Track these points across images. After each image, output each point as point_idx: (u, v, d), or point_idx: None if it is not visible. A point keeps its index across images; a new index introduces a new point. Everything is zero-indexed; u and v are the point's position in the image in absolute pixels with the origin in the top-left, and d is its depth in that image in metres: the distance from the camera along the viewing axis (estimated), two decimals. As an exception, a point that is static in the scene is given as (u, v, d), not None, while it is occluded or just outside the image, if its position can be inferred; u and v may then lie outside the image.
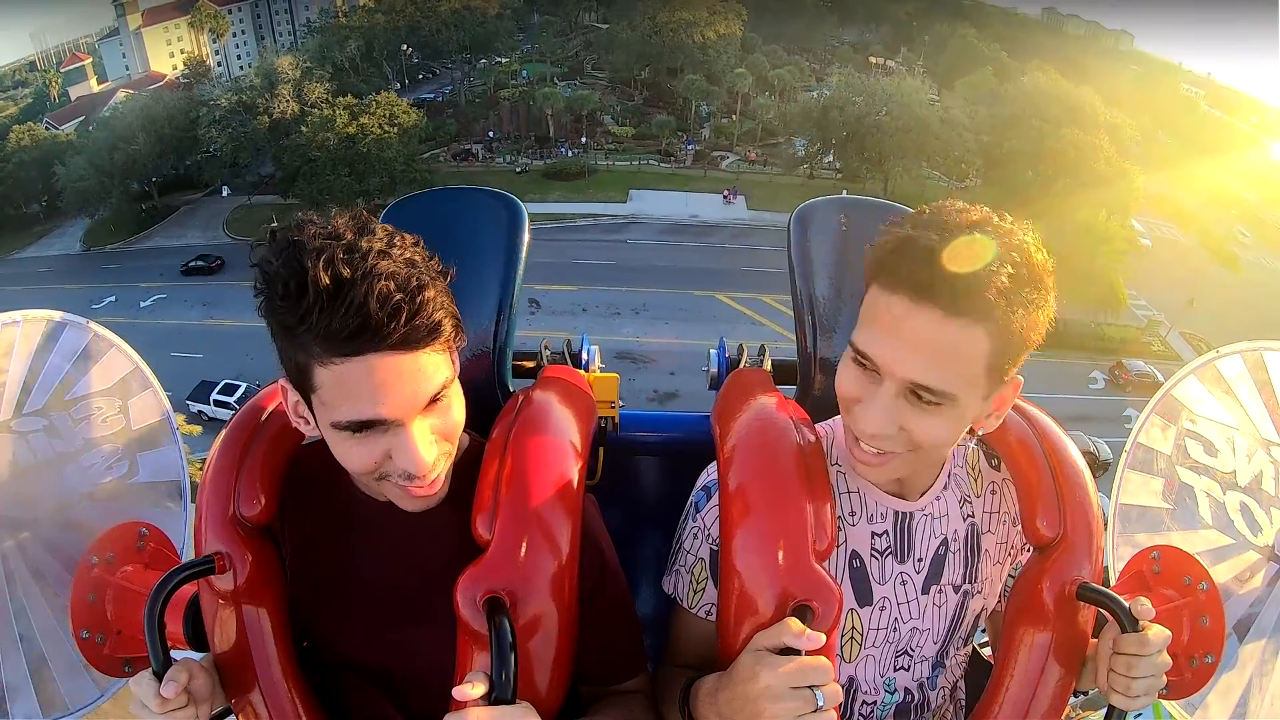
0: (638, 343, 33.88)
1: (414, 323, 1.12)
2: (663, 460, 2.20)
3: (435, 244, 1.25)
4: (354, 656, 1.48)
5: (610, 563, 1.47)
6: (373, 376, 1.13)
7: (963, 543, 1.48)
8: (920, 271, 1.12)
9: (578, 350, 2.04)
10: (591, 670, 1.47)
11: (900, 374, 1.19)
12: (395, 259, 1.12)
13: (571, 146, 54.04)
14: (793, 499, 1.31)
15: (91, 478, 1.78)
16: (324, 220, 1.17)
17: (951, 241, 1.12)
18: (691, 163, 53.42)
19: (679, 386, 30.45)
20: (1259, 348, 1.83)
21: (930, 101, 46.87)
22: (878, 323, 1.20)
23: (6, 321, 1.72)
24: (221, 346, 31.01)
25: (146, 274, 39.79)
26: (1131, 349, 35.42)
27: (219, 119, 47.18)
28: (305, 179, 42.85)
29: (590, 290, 37.74)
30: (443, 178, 47.80)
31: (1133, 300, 38.77)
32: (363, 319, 1.09)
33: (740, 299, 37.36)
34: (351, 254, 1.09)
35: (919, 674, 1.52)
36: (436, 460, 1.25)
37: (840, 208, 1.97)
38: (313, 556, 1.46)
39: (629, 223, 46.73)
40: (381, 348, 1.12)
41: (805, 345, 1.89)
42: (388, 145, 43.47)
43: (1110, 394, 32.69)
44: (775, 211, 46.60)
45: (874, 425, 1.24)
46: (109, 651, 1.58)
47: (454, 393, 1.26)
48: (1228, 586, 1.68)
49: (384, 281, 1.09)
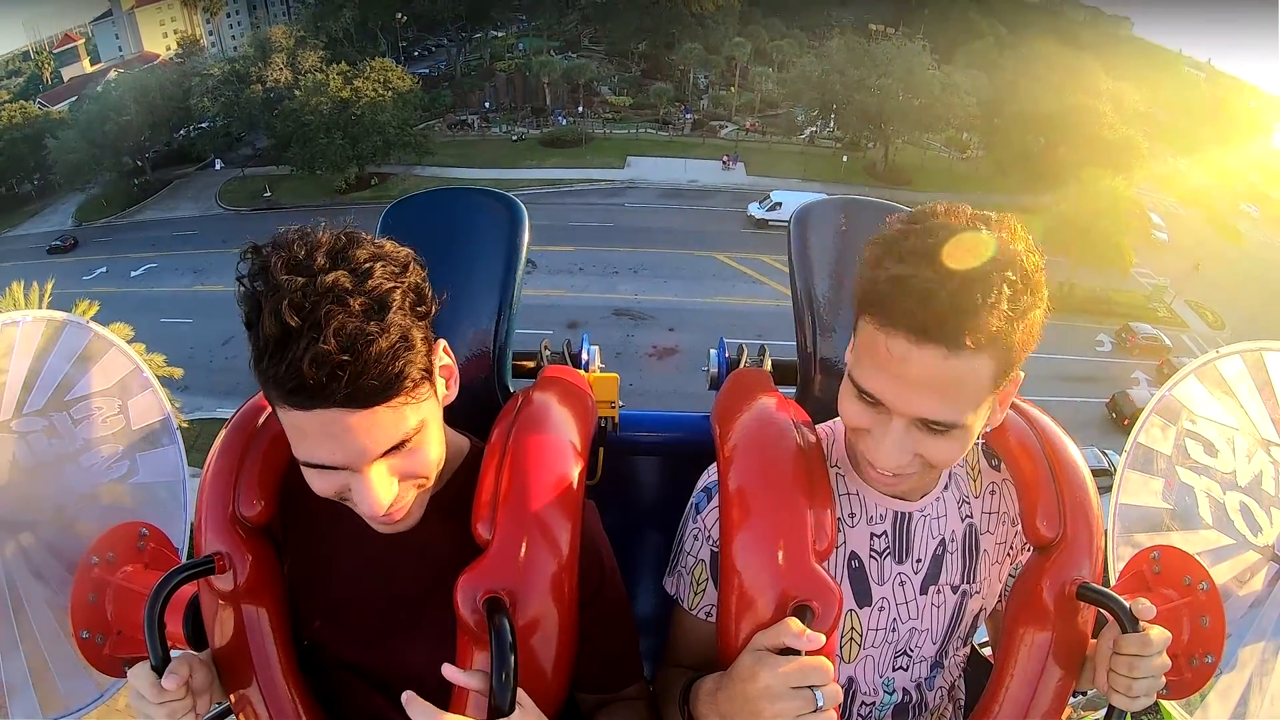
0: (636, 300, 33.69)
1: (358, 383, 1.06)
2: (663, 460, 2.20)
3: (435, 244, 1.24)
4: (351, 657, 1.48)
5: (609, 569, 1.47)
6: (321, 429, 1.11)
7: (960, 543, 1.48)
8: (918, 312, 1.09)
9: (578, 350, 2.04)
10: (589, 678, 1.48)
11: (908, 411, 1.17)
12: (353, 305, 1.05)
13: (568, 115, 53.62)
14: (793, 499, 1.31)
15: (91, 478, 1.77)
16: (304, 238, 1.11)
17: (947, 279, 1.08)
18: (690, 130, 53.03)
19: (679, 342, 30.36)
20: (1259, 348, 1.83)
21: (931, 67, 46.48)
22: (878, 362, 1.17)
23: (6, 321, 1.71)
24: (211, 312, 30.87)
25: (137, 245, 39.57)
26: (1137, 315, 35.24)
27: (212, 88, 46.67)
28: (298, 143, 42.32)
29: (588, 250, 37.46)
30: (438, 146, 47.56)
31: (1137, 270, 38.59)
32: (299, 380, 1.04)
33: (740, 259, 37.09)
34: (306, 297, 1.03)
35: (917, 674, 1.53)
36: (398, 498, 1.23)
37: (840, 208, 1.96)
38: (311, 557, 1.46)
39: (627, 187, 46.26)
40: (326, 405, 1.08)
41: (805, 345, 1.88)
42: (382, 109, 42.86)
43: (1118, 357, 32.51)
44: (775, 177, 46.46)
45: (889, 460, 1.23)
46: (109, 651, 1.59)
47: (427, 436, 1.22)
48: (1228, 587, 1.68)
49: (326, 342, 1.02)
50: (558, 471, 1.37)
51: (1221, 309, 36.74)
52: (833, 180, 46.72)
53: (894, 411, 1.19)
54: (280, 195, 43.32)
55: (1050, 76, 45.39)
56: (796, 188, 44.36)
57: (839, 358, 1.82)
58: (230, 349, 28.52)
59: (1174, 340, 33.05)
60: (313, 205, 42.42)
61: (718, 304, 33.34)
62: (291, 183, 44.67)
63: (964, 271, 1.08)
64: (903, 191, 45.89)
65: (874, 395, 1.19)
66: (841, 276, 1.88)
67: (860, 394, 1.22)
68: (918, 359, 1.12)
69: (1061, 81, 44.91)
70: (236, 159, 49.21)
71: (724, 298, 33.85)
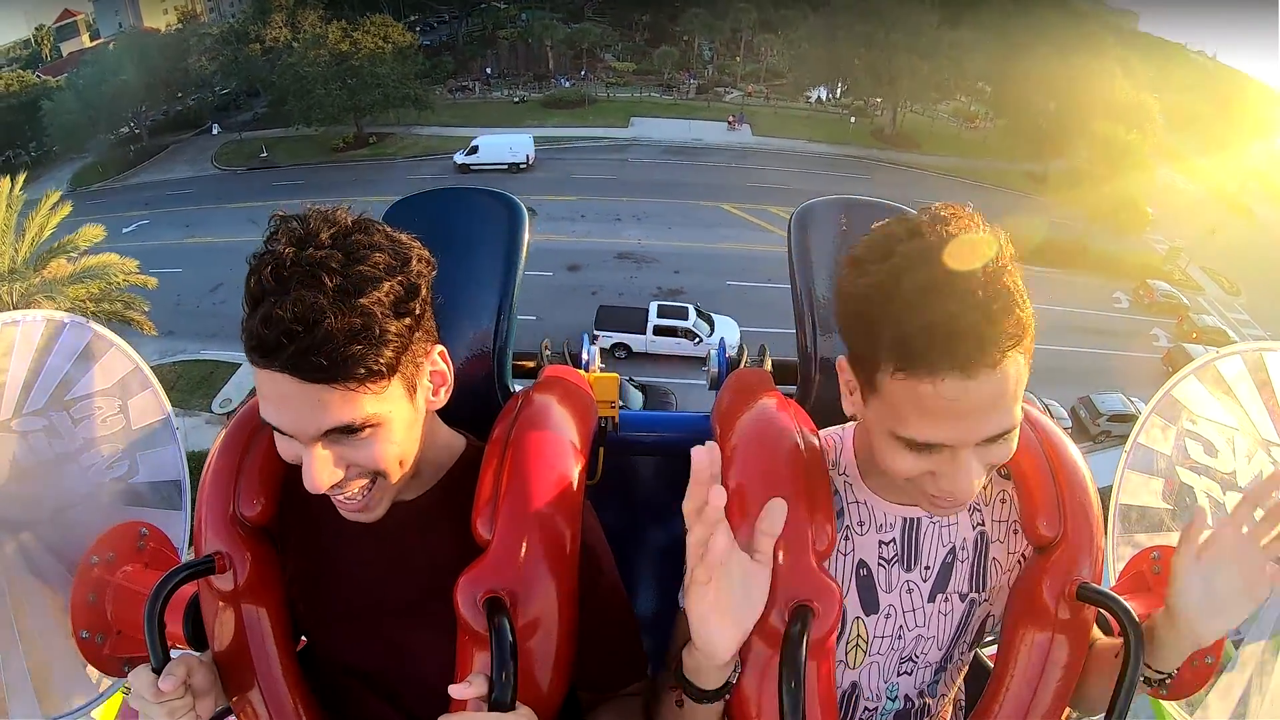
0: (640, 245, 33.06)
1: (306, 356, 1.09)
2: (663, 460, 2.20)
3: (435, 243, 1.23)
4: (350, 658, 1.49)
5: (607, 569, 1.48)
6: (274, 389, 1.14)
7: (971, 551, 1.47)
8: (962, 349, 1.06)
9: (578, 350, 2.03)
10: (591, 677, 1.48)
11: (974, 439, 1.15)
12: (328, 282, 1.09)
13: (571, 79, 53.12)
14: (792, 499, 1.29)
15: (91, 478, 1.77)
16: (323, 216, 1.16)
17: (971, 301, 1.05)
18: (694, 95, 52.53)
19: (684, 284, 29.78)
20: (1259, 348, 1.81)
21: (937, 25, 45.94)
22: (929, 410, 1.12)
23: (6, 321, 1.70)
24: (201, 262, 30.54)
25: (131, 205, 38.94)
26: (1152, 276, 34.77)
27: (210, 47, 46.20)
28: (296, 96, 41.82)
29: (590, 200, 36.80)
30: (439, 108, 47.01)
31: (1149, 235, 38.36)
32: (256, 336, 1.09)
33: (746, 209, 36.39)
34: (288, 266, 1.09)
35: (921, 680, 1.53)
36: (344, 485, 1.24)
37: (840, 208, 1.94)
38: (311, 557, 1.46)
39: (630, 144, 45.21)
40: (274, 367, 1.11)
41: (805, 345, 1.87)
42: (381, 61, 42.24)
43: (1135, 313, 32.07)
44: (782, 137, 45.83)
45: (973, 490, 1.20)
46: (109, 651, 1.60)
47: (387, 432, 1.22)
48: None
49: (282, 307, 1.07)
50: (558, 471, 1.37)
51: (1237, 275, 36.42)
52: (840, 141, 46.29)
53: (960, 446, 1.16)
54: (277, 156, 42.77)
55: (1061, 38, 44.73)
56: (802, 151, 43.99)
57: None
58: (218, 295, 28.41)
59: (1190, 303, 32.71)
60: (310, 164, 42.13)
61: (725, 249, 32.63)
62: (289, 144, 44.17)
63: (981, 283, 1.06)
64: (912, 154, 45.68)
65: (935, 443, 1.16)
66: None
67: (913, 446, 1.18)
68: (972, 391, 1.08)
69: (1072, 43, 44.25)
70: (234, 124, 48.62)
71: (731, 244, 33.11)
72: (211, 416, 21.56)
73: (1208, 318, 31.46)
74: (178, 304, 27.47)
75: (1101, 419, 23.70)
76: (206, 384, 23.80)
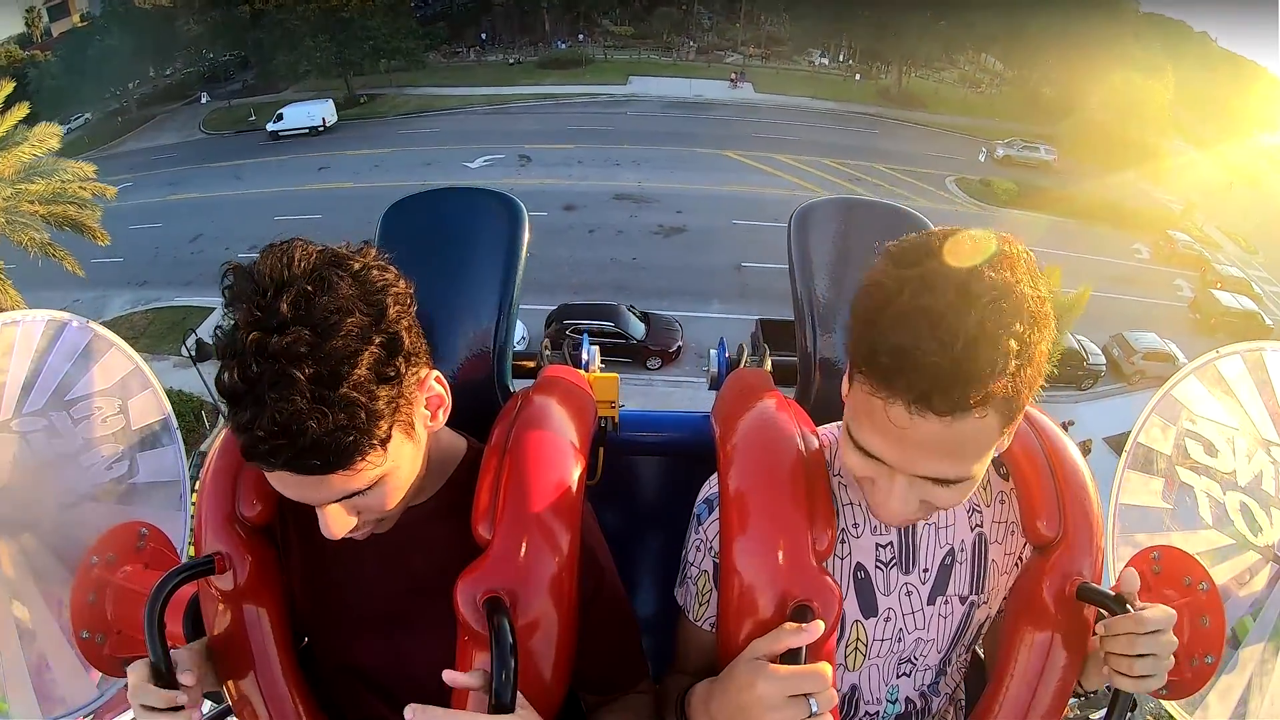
0: (639, 186, 32.35)
1: (299, 461, 1.06)
2: (663, 460, 2.20)
3: (435, 244, 1.21)
4: (351, 658, 1.49)
5: (607, 570, 1.48)
6: (273, 476, 1.12)
7: (970, 553, 1.46)
8: (919, 385, 1.02)
9: (578, 350, 2.02)
10: (592, 678, 1.49)
11: (912, 471, 1.13)
12: (301, 376, 1.01)
13: (568, 42, 52.56)
14: (793, 498, 1.30)
15: (91, 478, 1.77)
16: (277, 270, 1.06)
17: (950, 345, 0.99)
18: (694, 57, 52.03)
19: (686, 222, 29.22)
20: (1259, 348, 1.81)
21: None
22: (876, 426, 1.10)
23: (6, 321, 1.70)
24: (183, 216, 30.69)
25: (115, 170, 38.46)
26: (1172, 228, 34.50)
27: (198, 8, 45.59)
28: (283, 50, 41.37)
29: (587, 148, 36.18)
30: (431, 70, 46.69)
31: (1163, 194, 37.87)
32: (243, 448, 1.06)
33: (750, 155, 35.68)
34: (256, 360, 1.01)
35: (921, 682, 1.53)
36: (359, 526, 1.24)
37: (840, 208, 1.93)
38: (310, 557, 1.46)
39: (629, 99, 44.49)
40: (271, 470, 1.09)
41: (805, 345, 1.86)
42: (372, 13, 41.59)
43: (1157, 264, 31.58)
44: (785, 95, 45.35)
45: (895, 515, 1.20)
46: (109, 651, 1.60)
47: (394, 480, 1.21)
48: (1228, 587, 1.69)
49: (261, 424, 1.01)
50: (558, 471, 1.36)
51: (1254, 234, 36.13)
52: (845, 99, 45.93)
53: (897, 470, 1.14)
54: (265, 120, 41.99)
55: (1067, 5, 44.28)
56: (807, 107, 43.62)
57: (839, 358, 1.81)
58: (197, 245, 28.36)
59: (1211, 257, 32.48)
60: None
61: (728, 191, 32.01)
62: (279, 108, 43.60)
63: (969, 336, 0.99)
64: (918, 112, 45.28)
65: (872, 454, 1.15)
66: (841, 277, 1.85)
67: (859, 448, 1.17)
68: (919, 427, 1.05)
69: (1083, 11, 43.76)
70: (223, 93, 48.02)
71: (734, 185, 32.56)
72: (180, 360, 20.43)
73: (1230, 268, 31.25)
74: (155, 255, 27.64)
75: (1136, 356, 23.42)
76: (178, 329, 22.98)
